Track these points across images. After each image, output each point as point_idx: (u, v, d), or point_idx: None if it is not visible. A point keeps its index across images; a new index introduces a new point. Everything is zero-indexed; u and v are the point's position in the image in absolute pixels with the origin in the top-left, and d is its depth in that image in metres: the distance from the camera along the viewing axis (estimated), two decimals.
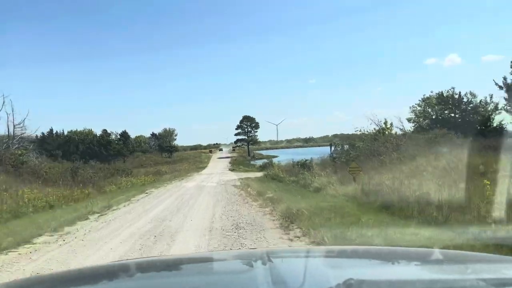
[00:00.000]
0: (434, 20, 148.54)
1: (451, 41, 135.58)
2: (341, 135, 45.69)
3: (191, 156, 76.83)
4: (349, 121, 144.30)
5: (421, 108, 38.26)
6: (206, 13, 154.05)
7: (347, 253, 2.18)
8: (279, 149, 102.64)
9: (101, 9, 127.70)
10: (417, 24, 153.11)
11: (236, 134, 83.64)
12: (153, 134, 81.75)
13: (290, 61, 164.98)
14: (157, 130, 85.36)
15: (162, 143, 78.35)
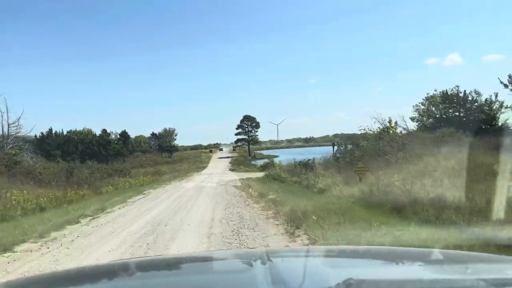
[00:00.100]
0: (434, 20, 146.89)
1: (452, 41, 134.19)
2: (341, 134, 45.28)
3: (191, 156, 76.17)
4: (350, 121, 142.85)
5: (424, 106, 37.71)
6: (206, 13, 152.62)
7: (346, 253, 2.16)
8: (279, 149, 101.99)
9: (101, 9, 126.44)
10: (417, 24, 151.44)
11: (237, 134, 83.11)
12: (153, 134, 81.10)
13: (290, 61, 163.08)
14: (157, 130, 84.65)
15: (162, 143, 77.71)
